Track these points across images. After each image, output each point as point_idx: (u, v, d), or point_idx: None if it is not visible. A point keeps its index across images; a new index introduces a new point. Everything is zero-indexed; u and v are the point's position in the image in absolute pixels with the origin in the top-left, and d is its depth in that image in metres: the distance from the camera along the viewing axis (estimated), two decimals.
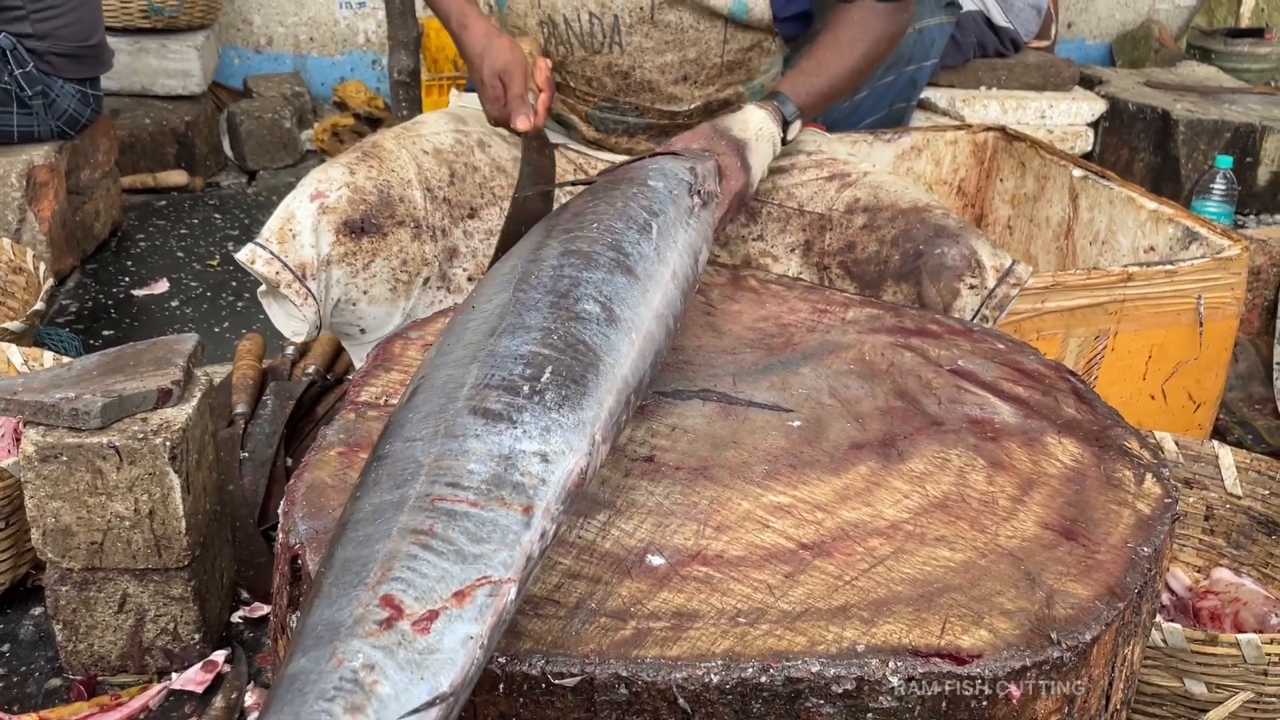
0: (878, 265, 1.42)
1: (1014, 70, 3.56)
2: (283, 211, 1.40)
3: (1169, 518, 0.90)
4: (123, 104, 3.55)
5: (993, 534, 0.86)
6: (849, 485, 0.92)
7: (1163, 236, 2.02)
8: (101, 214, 3.01)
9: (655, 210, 1.06)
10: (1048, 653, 0.74)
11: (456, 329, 0.90)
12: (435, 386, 0.81)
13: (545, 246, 0.99)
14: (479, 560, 0.66)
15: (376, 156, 1.46)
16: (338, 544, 0.69)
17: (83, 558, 1.39)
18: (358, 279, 1.42)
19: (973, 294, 1.36)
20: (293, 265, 1.37)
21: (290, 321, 1.41)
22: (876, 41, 1.53)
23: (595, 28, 1.47)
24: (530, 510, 0.70)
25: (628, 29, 1.46)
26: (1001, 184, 2.51)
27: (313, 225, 1.37)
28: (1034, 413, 1.05)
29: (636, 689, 0.71)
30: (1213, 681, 1.24)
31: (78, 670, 1.46)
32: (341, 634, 0.61)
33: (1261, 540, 1.62)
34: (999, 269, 1.38)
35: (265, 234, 1.39)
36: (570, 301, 0.89)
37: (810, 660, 0.72)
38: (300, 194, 1.41)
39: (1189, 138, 3.41)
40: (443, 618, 0.62)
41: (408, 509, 0.69)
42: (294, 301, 1.38)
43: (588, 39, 1.48)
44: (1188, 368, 1.88)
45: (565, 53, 1.51)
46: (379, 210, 1.41)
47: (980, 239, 1.41)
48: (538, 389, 0.79)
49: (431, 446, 0.74)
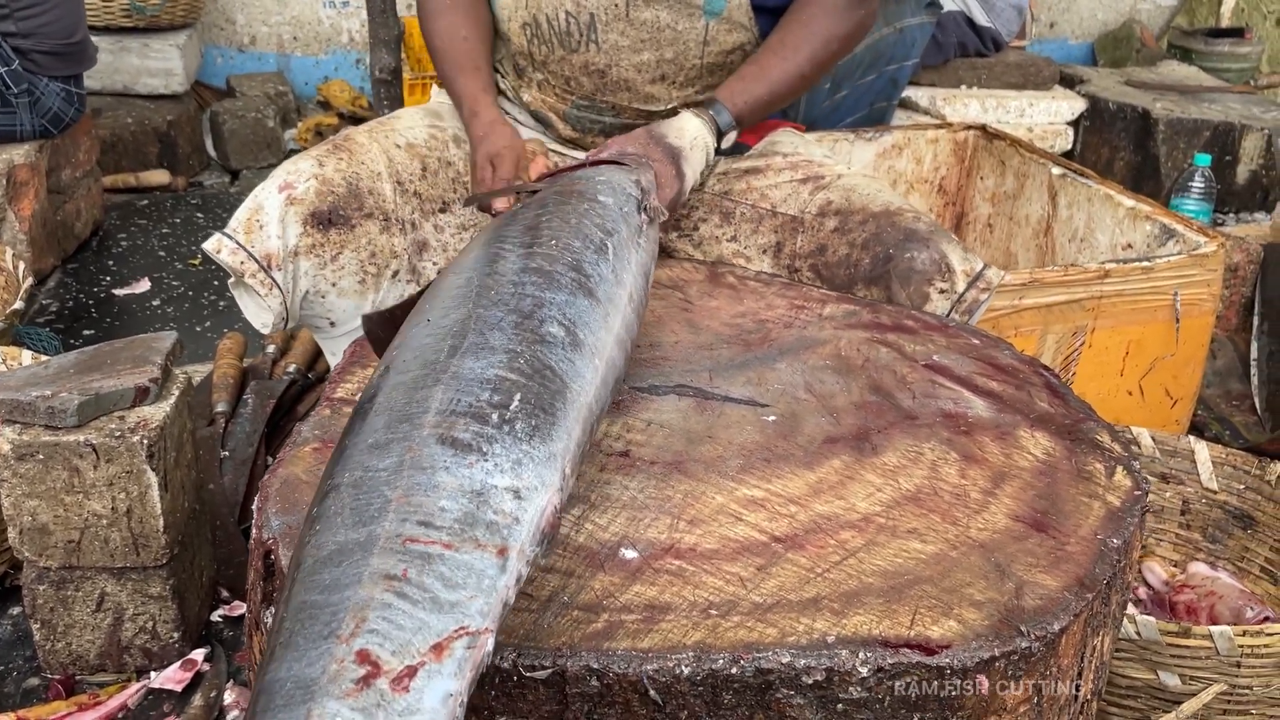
0: (848, 269, 1.43)
1: (994, 69, 3.57)
2: (251, 202, 1.40)
3: (1139, 509, 0.91)
4: (104, 103, 3.53)
5: (964, 526, 0.87)
6: (822, 479, 0.93)
7: (1140, 234, 2.03)
8: (83, 213, 2.99)
9: (609, 229, 1.04)
10: (1016, 643, 0.75)
11: (411, 343, 0.86)
12: (395, 408, 0.77)
13: (501, 259, 0.95)
14: (455, 609, 0.64)
15: (347, 149, 1.46)
16: (299, 585, 0.65)
17: (60, 556, 1.38)
18: (325, 271, 1.42)
19: (943, 298, 1.37)
20: (258, 256, 1.37)
21: (261, 313, 1.41)
22: (826, 43, 1.47)
23: (572, 26, 1.47)
24: (505, 552, 0.68)
25: (604, 26, 1.46)
26: (982, 182, 2.53)
27: (280, 216, 1.37)
28: (1007, 407, 1.06)
29: (608, 681, 0.71)
30: (1186, 673, 1.25)
31: (56, 669, 1.45)
32: (316, 694, 0.58)
33: (1237, 534, 1.63)
34: (969, 273, 1.38)
35: (232, 224, 1.39)
36: (535, 323, 0.86)
37: (781, 651, 0.72)
38: (269, 185, 1.41)
39: (1169, 136, 3.43)
40: (421, 674, 0.60)
41: (378, 550, 0.65)
42: (259, 292, 1.38)
43: (565, 37, 1.48)
44: (1165, 364, 1.90)
45: (546, 52, 1.51)
46: (347, 202, 1.42)
47: (951, 243, 1.41)
48: (507, 418, 0.76)
49: (398, 479, 0.70)
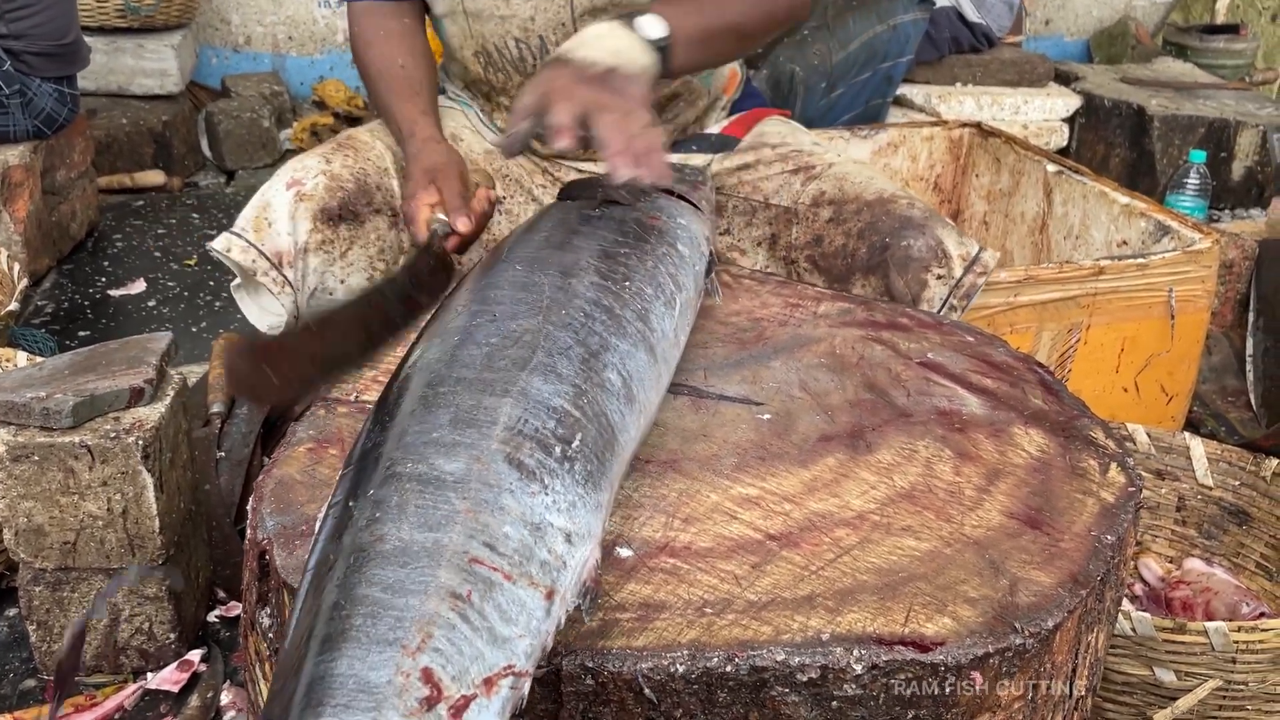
0: (845, 258, 1.42)
1: (989, 66, 3.58)
2: (258, 201, 1.40)
3: (1133, 506, 0.91)
4: (99, 104, 3.52)
5: (958, 523, 0.87)
6: (817, 477, 0.93)
7: (1135, 230, 2.04)
8: (78, 214, 2.99)
9: (680, 283, 1.02)
10: (1010, 640, 0.75)
11: (472, 328, 0.85)
12: (461, 408, 0.75)
13: (576, 276, 0.93)
14: (507, 644, 0.64)
15: (352, 147, 1.46)
16: (357, 574, 0.64)
17: (56, 558, 1.38)
18: (334, 267, 1.41)
19: (940, 284, 1.37)
20: (269, 253, 1.37)
21: (265, 315, 1.40)
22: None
23: (524, 51, 1.45)
24: (552, 596, 0.67)
25: (554, 47, 1.43)
26: (977, 179, 2.53)
27: (289, 213, 1.37)
28: (1001, 404, 1.06)
29: (603, 679, 0.71)
30: (1182, 669, 1.25)
31: (52, 671, 1.45)
32: (382, 705, 0.58)
33: (1232, 530, 1.64)
34: (965, 257, 1.38)
35: (241, 223, 1.38)
36: (599, 365, 0.84)
37: (775, 649, 0.72)
38: (276, 183, 1.41)
39: (1164, 133, 3.43)
40: (474, 707, 0.60)
41: (445, 564, 0.65)
42: (271, 291, 1.37)
43: (519, 64, 1.47)
44: (1160, 360, 1.90)
45: (504, 79, 1.51)
46: (356, 197, 1.41)
47: (946, 227, 1.41)
48: (569, 454, 0.75)
49: (466, 489, 0.69)
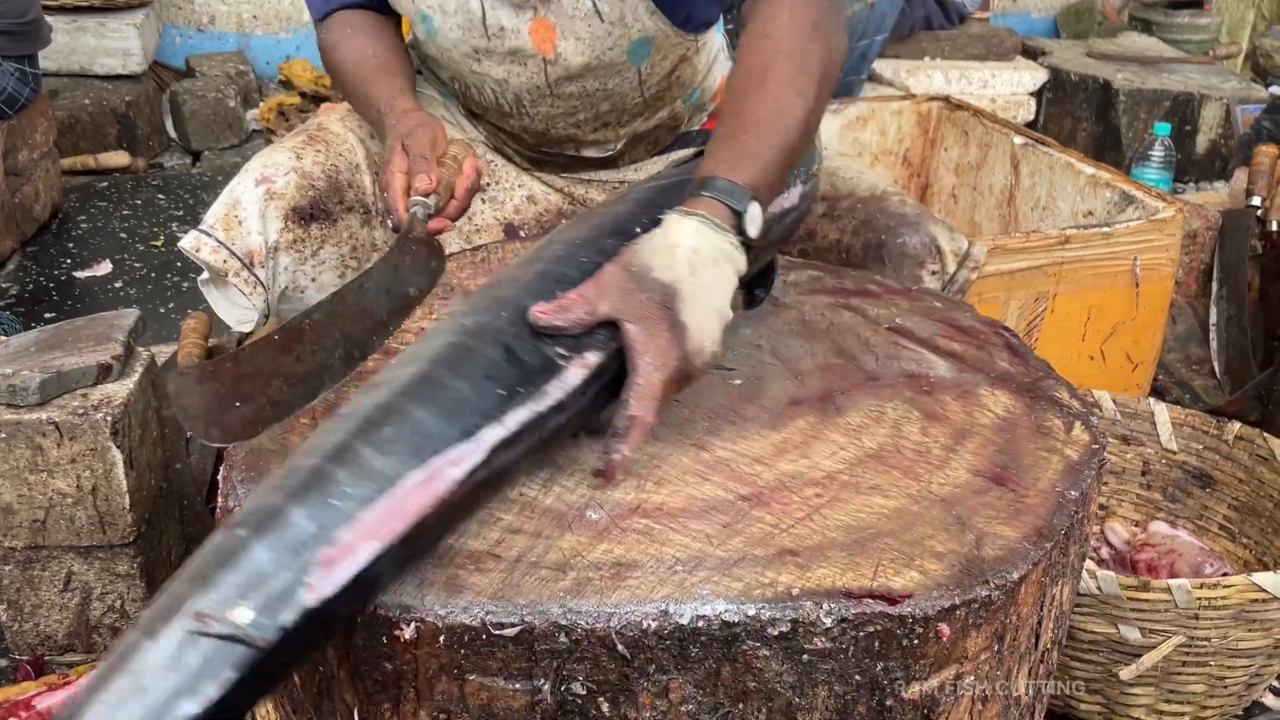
0: (839, 254, 1.44)
1: (957, 41, 3.59)
2: (227, 198, 1.37)
3: (1096, 462, 0.92)
4: (61, 84, 3.47)
5: (926, 482, 0.88)
6: (787, 439, 0.94)
7: (1101, 201, 2.06)
8: (41, 195, 2.95)
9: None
10: (976, 591, 0.76)
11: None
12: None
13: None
14: None
15: (323, 140, 1.43)
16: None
17: (25, 536, 1.37)
18: (306, 266, 1.39)
19: (934, 279, 1.39)
20: (240, 253, 1.34)
21: (234, 310, 1.38)
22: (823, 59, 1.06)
23: (500, 100, 1.42)
24: None
25: (531, 103, 1.41)
26: (946, 153, 2.54)
27: (260, 211, 1.34)
28: (968, 366, 1.07)
29: (576, 637, 0.72)
30: (1146, 626, 1.28)
31: (24, 650, 1.44)
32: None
33: (1196, 494, 1.67)
34: (957, 253, 1.41)
35: (210, 221, 1.35)
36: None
37: (747, 604, 0.73)
38: (245, 179, 1.37)
39: (1129, 107, 3.46)
40: None
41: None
42: (243, 291, 1.34)
43: (495, 107, 1.44)
44: (1125, 328, 1.93)
45: (483, 109, 1.48)
46: (328, 195, 1.39)
47: (938, 224, 1.43)
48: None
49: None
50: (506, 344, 0.81)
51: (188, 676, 0.60)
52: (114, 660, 0.61)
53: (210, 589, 0.63)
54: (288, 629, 0.63)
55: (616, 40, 1.33)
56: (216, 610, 0.62)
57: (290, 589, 0.64)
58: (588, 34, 1.32)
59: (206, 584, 0.63)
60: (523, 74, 1.37)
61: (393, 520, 0.70)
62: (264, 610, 0.63)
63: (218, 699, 0.60)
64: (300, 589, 0.65)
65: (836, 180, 1.49)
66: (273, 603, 0.64)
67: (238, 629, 0.62)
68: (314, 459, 0.71)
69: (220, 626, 0.61)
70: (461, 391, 0.77)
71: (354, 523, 0.68)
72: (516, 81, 1.38)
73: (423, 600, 0.73)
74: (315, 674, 0.79)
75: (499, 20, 1.32)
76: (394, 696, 0.75)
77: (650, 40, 1.34)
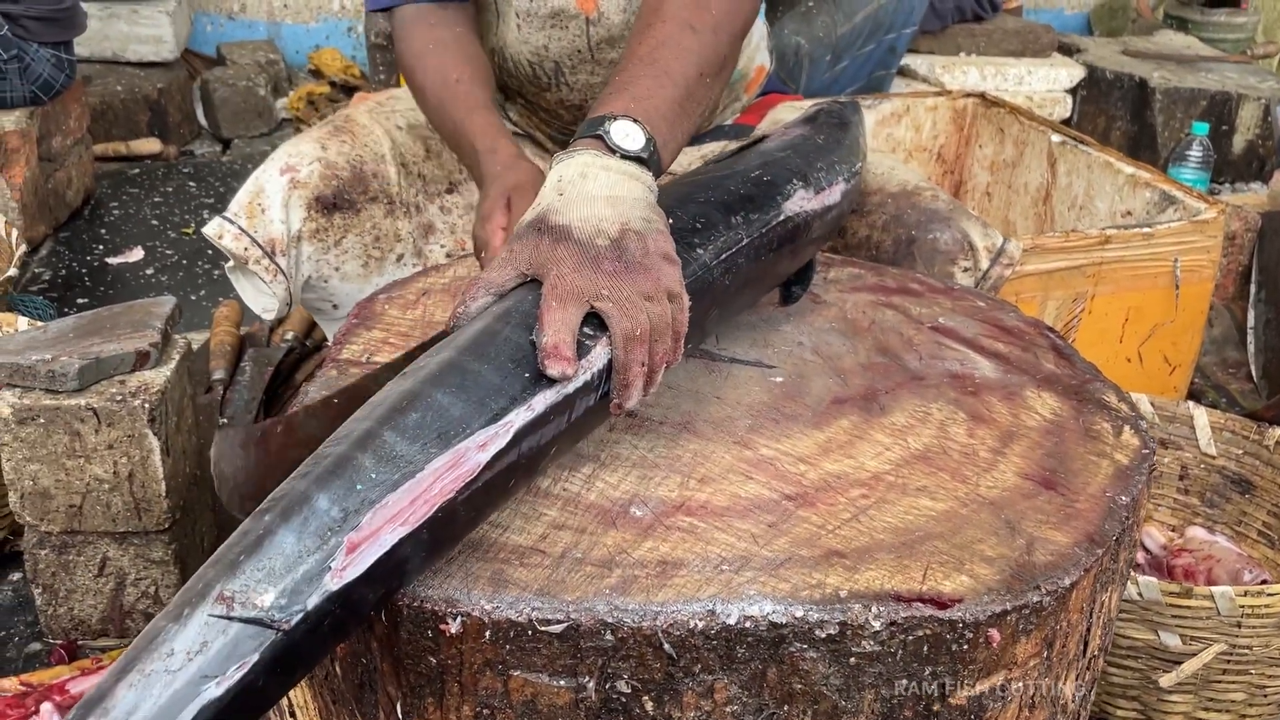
0: (869, 250, 1.42)
1: (993, 36, 3.56)
2: (252, 185, 1.37)
3: (1146, 468, 0.91)
4: (94, 71, 3.49)
5: (973, 484, 0.87)
6: (831, 438, 0.93)
7: (1140, 201, 2.03)
8: (74, 181, 2.97)
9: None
10: (1027, 597, 0.75)
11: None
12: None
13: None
14: None
15: (349, 131, 1.43)
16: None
17: (62, 521, 1.38)
18: (329, 255, 1.39)
19: (967, 276, 1.37)
20: (262, 241, 1.34)
21: (260, 298, 1.38)
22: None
23: (538, 70, 1.41)
24: None
25: (570, 70, 1.40)
26: (981, 150, 2.52)
27: (283, 200, 1.34)
28: (1014, 368, 1.06)
29: (622, 635, 0.71)
30: (1187, 634, 1.26)
31: (58, 634, 1.45)
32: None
33: (1235, 499, 1.64)
34: (991, 249, 1.39)
35: (233, 208, 1.35)
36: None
37: (794, 605, 0.72)
38: (270, 168, 1.37)
39: (1165, 106, 3.42)
40: None
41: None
42: (263, 278, 1.34)
43: (533, 80, 1.43)
44: (1164, 330, 1.90)
45: (519, 85, 1.47)
46: (352, 186, 1.39)
47: (971, 220, 1.41)
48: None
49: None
50: (531, 326, 0.80)
51: (213, 659, 0.60)
52: (141, 644, 0.61)
53: (236, 573, 0.63)
54: (312, 612, 0.63)
55: None
56: (241, 594, 0.62)
57: (315, 573, 0.64)
58: None
59: (233, 568, 0.64)
60: (564, 38, 1.37)
61: (418, 505, 0.69)
62: (288, 594, 0.63)
63: (243, 682, 0.60)
64: (325, 573, 0.65)
65: (867, 176, 1.47)
66: (298, 586, 0.64)
67: (262, 612, 0.62)
68: (340, 446, 0.71)
69: (245, 610, 0.62)
70: (486, 376, 0.76)
71: (379, 507, 0.68)
72: (557, 47, 1.38)
73: (469, 595, 0.73)
74: (358, 666, 0.79)
75: None
76: (437, 690, 0.75)
77: None
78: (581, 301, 0.79)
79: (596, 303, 0.79)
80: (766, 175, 1.07)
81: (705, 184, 1.04)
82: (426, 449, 0.71)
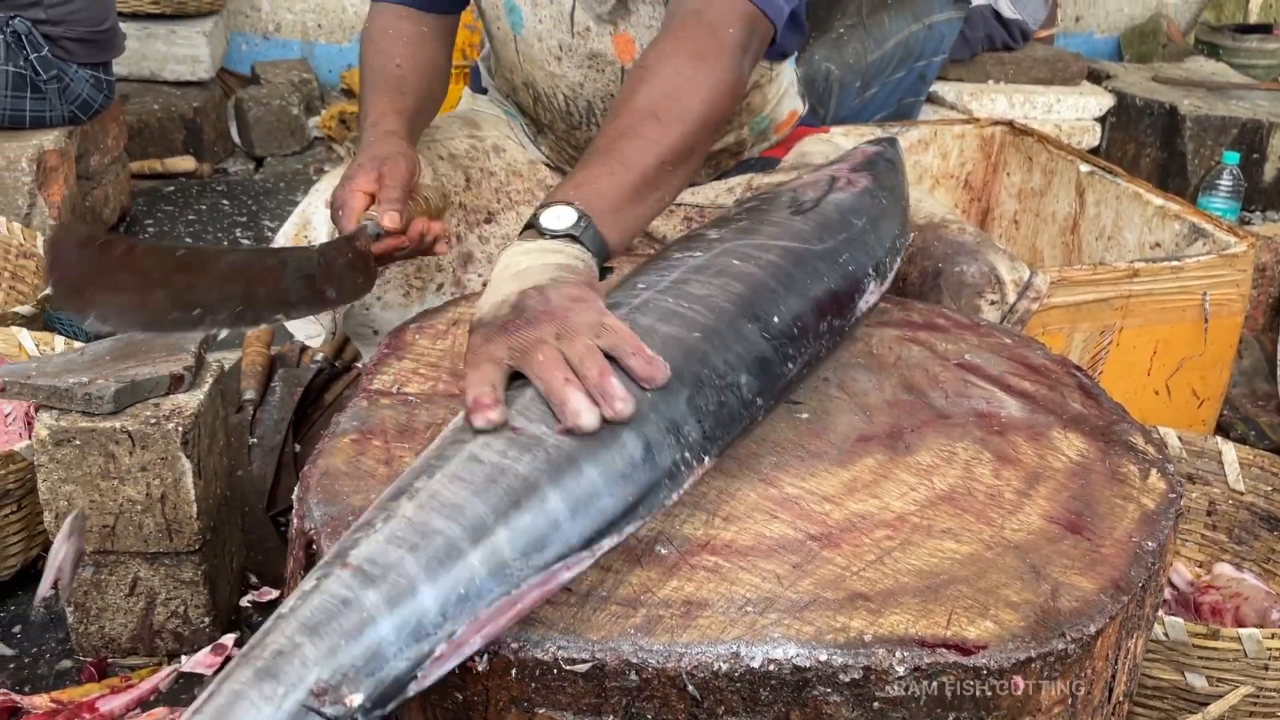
0: (895, 282, 1.43)
1: (1022, 64, 3.56)
2: (298, 218, 1.39)
3: (1173, 513, 0.91)
4: (131, 89, 3.55)
5: (999, 527, 0.87)
6: (856, 477, 0.93)
7: (1169, 232, 2.02)
8: (110, 199, 3.01)
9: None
10: (1052, 645, 0.75)
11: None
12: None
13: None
14: None
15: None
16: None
17: (95, 540, 1.40)
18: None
19: (993, 309, 1.37)
20: None
21: (303, 325, 1.40)
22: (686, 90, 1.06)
23: (571, 108, 1.43)
24: None
25: (601, 111, 1.41)
26: (1008, 178, 2.52)
27: (329, 232, 1.36)
28: (1040, 407, 1.06)
29: (646, 675, 0.72)
30: (1214, 675, 1.25)
31: (89, 652, 1.47)
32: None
33: (1263, 536, 1.63)
34: (1018, 283, 1.38)
35: (280, 240, 1.38)
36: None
37: (818, 649, 0.73)
38: (315, 200, 1.39)
39: (1196, 133, 3.41)
40: None
41: None
42: None
43: (565, 116, 1.45)
44: (1192, 364, 1.89)
45: (551, 119, 1.49)
46: None
47: (998, 253, 1.41)
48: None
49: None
50: (648, 440, 0.79)
51: None
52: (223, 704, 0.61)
53: (329, 655, 0.63)
54: (388, 715, 0.65)
55: None
56: (334, 688, 0.62)
57: (404, 680, 0.65)
58: None
59: (328, 648, 0.63)
60: (598, 80, 1.38)
61: (504, 618, 0.70)
62: (375, 698, 0.64)
63: None
64: (411, 681, 0.65)
65: None
66: (385, 691, 0.64)
67: (348, 713, 0.63)
68: (450, 525, 0.70)
69: (334, 709, 0.62)
70: (595, 486, 0.75)
71: (475, 619, 0.68)
72: (591, 87, 1.39)
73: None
74: None
75: (585, 20, 1.34)
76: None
77: None
78: (494, 362, 0.79)
79: (509, 361, 0.80)
80: (851, 264, 1.05)
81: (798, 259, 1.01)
82: (529, 561, 0.71)
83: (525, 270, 0.87)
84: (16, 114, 2.59)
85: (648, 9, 1.31)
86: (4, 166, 2.52)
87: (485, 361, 0.80)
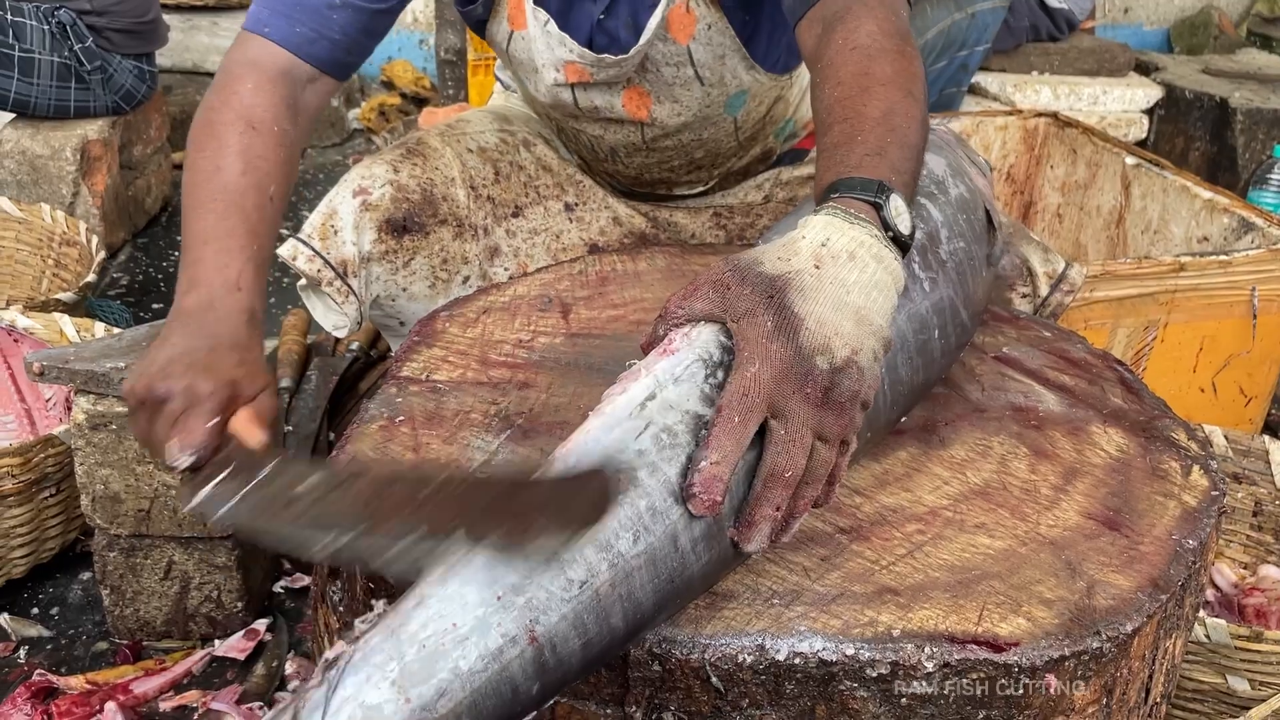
0: None
1: (1067, 55, 3.49)
2: (325, 208, 1.39)
3: (1215, 510, 0.88)
4: (174, 80, 3.59)
5: (1034, 522, 0.85)
6: (888, 470, 0.91)
7: (1217, 226, 1.98)
8: (153, 189, 3.05)
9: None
10: (1087, 643, 0.73)
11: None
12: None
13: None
14: None
15: (421, 154, 1.45)
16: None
17: (130, 524, 1.41)
18: (397, 276, 1.41)
19: (1025, 302, 1.34)
20: (334, 262, 1.36)
21: (330, 315, 1.41)
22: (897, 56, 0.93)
23: (596, 148, 1.45)
24: None
25: (626, 155, 1.44)
26: (1052, 171, 2.47)
27: (354, 222, 1.37)
28: (1079, 401, 1.03)
29: (670, 666, 0.71)
30: (1256, 679, 1.22)
31: (124, 635, 1.49)
32: None
33: None
34: (1051, 275, 1.35)
35: (307, 230, 1.38)
36: None
37: (845, 643, 0.71)
38: (343, 190, 1.40)
39: (1247, 126, 3.33)
40: None
41: None
42: (334, 299, 1.37)
43: (589, 152, 1.47)
44: (1240, 361, 1.85)
45: (575, 148, 1.52)
46: (422, 209, 1.40)
47: (1032, 244, 1.38)
48: None
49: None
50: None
51: None
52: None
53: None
54: None
55: (715, 99, 1.37)
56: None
57: None
58: (687, 97, 1.36)
59: None
60: (619, 132, 1.42)
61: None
62: None
63: None
64: None
65: None
66: None
67: None
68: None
69: None
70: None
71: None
72: (613, 138, 1.43)
73: None
74: None
75: (591, 101, 1.38)
76: None
77: (746, 92, 1.38)
78: (761, 415, 0.70)
79: (773, 419, 0.71)
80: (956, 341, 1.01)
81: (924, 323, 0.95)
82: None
83: (865, 312, 0.74)
84: (61, 104, 2.62)
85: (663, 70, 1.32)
86: (49, 156, 2.56)
87: (755, 414, 0.69)
